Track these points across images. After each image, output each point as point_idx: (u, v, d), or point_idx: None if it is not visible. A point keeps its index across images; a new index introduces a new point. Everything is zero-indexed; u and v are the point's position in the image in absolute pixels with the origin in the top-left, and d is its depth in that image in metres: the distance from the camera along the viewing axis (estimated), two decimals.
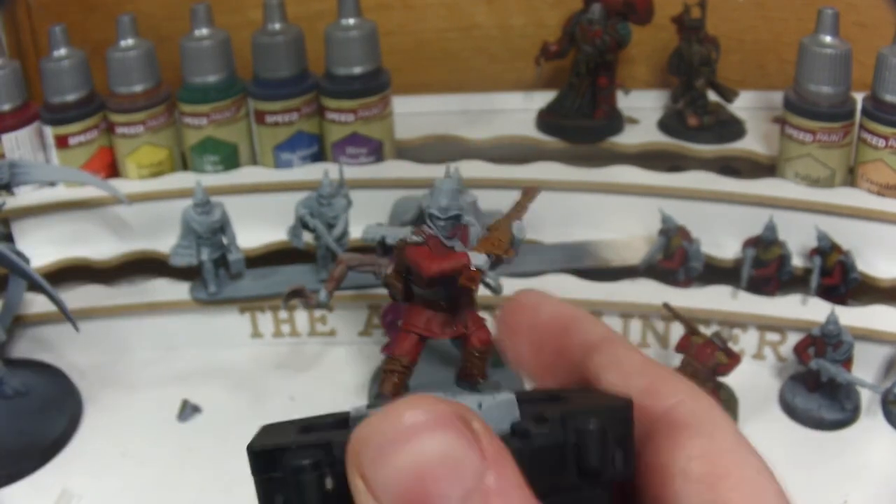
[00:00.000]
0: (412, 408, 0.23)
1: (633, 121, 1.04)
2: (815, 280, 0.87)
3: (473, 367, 0.31)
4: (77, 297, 0.92)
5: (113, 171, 1.00)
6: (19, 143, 0.95)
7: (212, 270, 0.89)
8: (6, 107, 0.94)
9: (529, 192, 0.31)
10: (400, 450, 0.22)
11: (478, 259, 0.29)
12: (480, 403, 0.27)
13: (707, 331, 0.84)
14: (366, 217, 0.90)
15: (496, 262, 0.30)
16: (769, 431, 0.81)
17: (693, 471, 0.25)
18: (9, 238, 0.95)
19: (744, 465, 0.26)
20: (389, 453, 0.22)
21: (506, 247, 0.30)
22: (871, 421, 0.82)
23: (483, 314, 0.31)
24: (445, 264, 0.29)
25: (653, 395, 0.28)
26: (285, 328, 0.94)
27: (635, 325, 0.89)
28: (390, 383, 0.31)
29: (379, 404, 0.27)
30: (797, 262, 0.90)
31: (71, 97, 0.95)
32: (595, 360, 0.30)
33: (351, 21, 0.96)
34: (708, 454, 0.26)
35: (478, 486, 0.22)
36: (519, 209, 0.31)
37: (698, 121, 1.00)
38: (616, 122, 1.03)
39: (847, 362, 0.81)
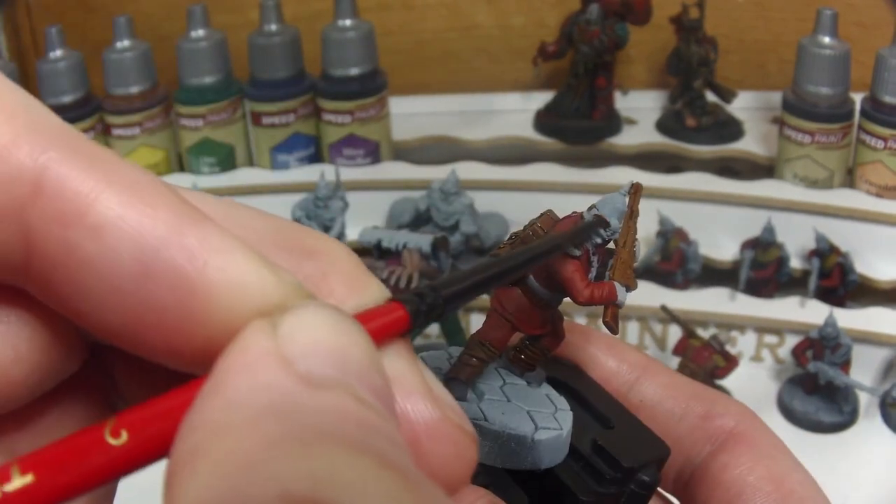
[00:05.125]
0: None
1: (632, 121, 1.04)
2: (813, 282, 0.86)
3: (528, 356, 0.31)
4: None
5: None
6: None
7: None
8: None
9: (637, 190, 0.29)
10: None
11: (622, 295, 0.29)
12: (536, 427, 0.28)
13: (705, 333, 0.83)
14: (362, 219, 0.90)
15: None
16: None
17: (763, 488, 0.28)
18: None
19: (805, 483, 0.29)
20: None
21: (633, 276, 0.29)
22: (869, 423, 0.81)
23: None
24: (597, 294, 0.29)
25: (712, 418, 0.30)
26: None
27: (633, 328, 0.88)
28: (470, 370, 0.30)
29: (453, 389, 0.27)
30: (795, 263, 0.90)
31: (67, 98, 0.95)
32: (645, 388, 0.31)
33: (348, 22, 0.96)
34: (774, 472, 0.29)
35: None
36: (634, 215, 0.29)
37: (696, 121, 1.00)
38: (614, 122, 1.02)
39: (845, 365, 0.80)
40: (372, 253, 0.82)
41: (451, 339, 0.85)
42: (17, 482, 0.17)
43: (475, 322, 0.88)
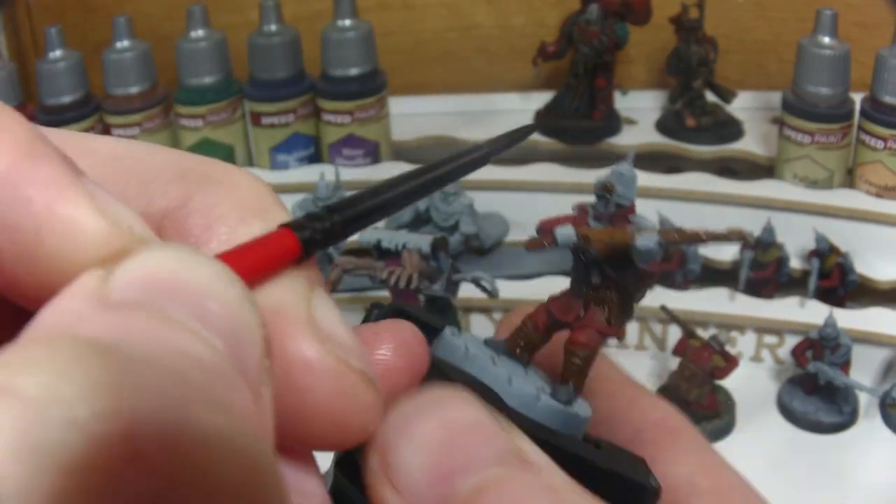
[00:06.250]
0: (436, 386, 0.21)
1: (631, 121, 1.04)
2: (813, 282, 0.86)
3: (568, 371, 0.26)
4: None
5: None
6: None
7: None
8: None
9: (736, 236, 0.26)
10: (424, 419, 0.20)
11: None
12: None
13: (705, 333, 0.83)
14: None
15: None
16: (767, 434, 0.81)
17: (700, 484, 0.26)
18: None
19: (739, 479, 0.27)
20: (414, 423, 0.20)
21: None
22: (869, 424, 0.81)
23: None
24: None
25: (639, 407, 0.28)
26: None
27: (632, 328, 0.88)
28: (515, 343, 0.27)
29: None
30: (795, 264, 0.90)
31: (67, 99, 0.95)
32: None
33: (347, 22, 0.96)
34: (707, 466, 0.27)
35: (510, 448, 0.20)
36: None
37: (696, 121, 1.00)
38: (614, 122, 1.02)
39: (845, 365, 0.80)
40: (371, 253, 0.82)
41: None
42: None
43: (474, 322, 0.88)
